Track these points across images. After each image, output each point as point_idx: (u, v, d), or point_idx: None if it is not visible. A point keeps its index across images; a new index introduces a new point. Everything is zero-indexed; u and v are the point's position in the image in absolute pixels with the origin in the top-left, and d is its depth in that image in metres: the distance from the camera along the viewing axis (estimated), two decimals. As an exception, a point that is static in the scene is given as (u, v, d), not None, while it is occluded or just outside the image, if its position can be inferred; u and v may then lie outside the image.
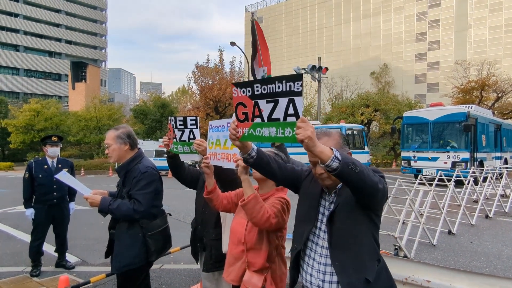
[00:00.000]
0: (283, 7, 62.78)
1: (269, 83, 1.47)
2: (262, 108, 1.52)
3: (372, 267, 1.49)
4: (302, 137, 1.28)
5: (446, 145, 12.89)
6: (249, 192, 1.78)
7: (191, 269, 4.50)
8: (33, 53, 65.18)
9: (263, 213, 1.77)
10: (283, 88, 1.42)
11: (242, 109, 1.60)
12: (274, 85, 1.45)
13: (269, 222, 1.79)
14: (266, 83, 1.48)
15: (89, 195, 2.45)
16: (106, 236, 2.68)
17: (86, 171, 24.41)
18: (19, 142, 31.09)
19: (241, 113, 1.61)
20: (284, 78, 1.42)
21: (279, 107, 1.45)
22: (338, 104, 28.26)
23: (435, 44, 48.90)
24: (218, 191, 2.16)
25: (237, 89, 1.61)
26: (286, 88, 1.41)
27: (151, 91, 44.39)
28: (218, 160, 2.13)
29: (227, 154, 2.05)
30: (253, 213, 1.76)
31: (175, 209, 8.31)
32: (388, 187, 1.77)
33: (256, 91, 1.53)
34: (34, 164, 4.49)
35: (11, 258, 5.09)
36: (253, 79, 1.58)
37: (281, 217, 1.87)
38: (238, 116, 1.61)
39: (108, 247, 2.64)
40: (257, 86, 1.52)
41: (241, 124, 1.60)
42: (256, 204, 1.76)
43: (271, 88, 1.47)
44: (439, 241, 5.57)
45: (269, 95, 1.48)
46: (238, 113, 1.61)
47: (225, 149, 2.05)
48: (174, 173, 2.73)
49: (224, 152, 2.08)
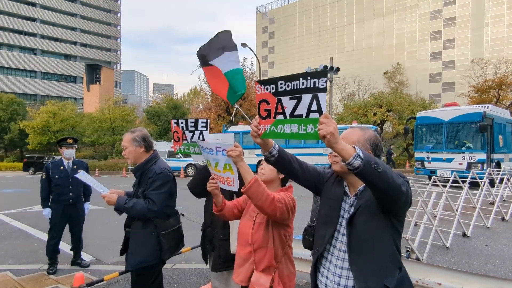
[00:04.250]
0: (295, 7, 62.55)
1: (294, 79, 1.48)
2: (285, 105, 1.52)
3: (392, 274, 1.45)
4: (324, 132, 1.26)
5: (461, 146, 12.63)
6: (249, 177, 1.76)
7: (202, 269, 4.56)
8: (49, 56, 66.91)
9: (267, 195, 1.75)
10: (307, 84, 1.43)
11: (264, 106, 1.60)
12: (298, 82, 1.46)
13: (274, 205, 1.77)
14: (291, 80, 1.49)
15: (106, 194, 2.54)
16: (120, 236, 2.76)
17: (100, 171, 24.87)
18: (36, 143, 31.87)
19: (263, 110, 1.61)
20: (308, 74, 1.43)
21: (303, 103, 1.45)
22: (350, 105, 27.98)
23: (450, 42, 47.86)
24: (227, 205, 2.15)
25: (260, 86, 1.61)
26: (310, 84, 1.42)
27: (163, 93, 44.90)
28: (222, 183, 2.04)
29: (220, 176, 2.00)
30: (257, 196, 1.74)
31: (187, 209, 8.37)
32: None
33: (280, 88, 1.53)
34: (51, 165, 4.63)
35: (29, 256, 5.26)
36: (277, 76, 1.59)
37: (285, 205, 1.85)
38: (261, 113, 1.61)
39: (123, 245, 2.72)
40: (281, 83, 1.53)
41: (263, 121, 1.60)
42: (259, 186, 1.74)
43: (295, 84, 1.47)
44: (453, 243, 5.47)
45: (293, 91, 1.48)
46: (261, 110, 1.61)
47: (217, 172, 2.00)
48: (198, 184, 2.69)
49: (216, 174, 2.03)
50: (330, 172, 1.76)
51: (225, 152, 1.85)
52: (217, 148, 1.91)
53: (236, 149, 1.80)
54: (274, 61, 64.02)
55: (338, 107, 33.57)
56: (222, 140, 1.90)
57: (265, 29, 65.68)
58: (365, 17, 54.78)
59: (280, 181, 2.15)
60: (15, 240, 6.25)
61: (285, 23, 62.94)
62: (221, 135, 1.91)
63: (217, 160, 1.96)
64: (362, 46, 54.96)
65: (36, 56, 65.17)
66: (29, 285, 4.05)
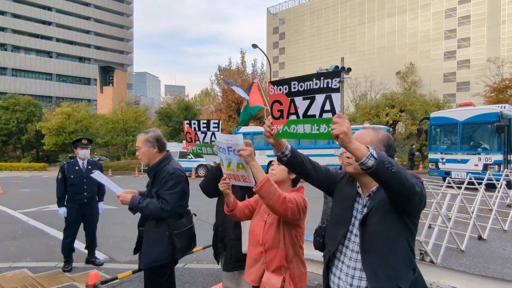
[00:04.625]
0: (306, 7, 62.30)
1: (307, 80, 1.48)
2: (298, 105, 1.53)
3: (406, 276, 1.43)
4: (338, 132, 1.26)
5: (477, 147, 12.35)
6: (261, 177, 1.77)
7: (213, 269, 4.58)
8: (64, 59, 68.48)
9: (278, 195, 1.76)
10: (320, 84, 1.44)
11: (277, 107, 1.61)
12: (311, 82, 1.46)
13: (286, 205, 1.78)
14: (304, 80, 1.50)
15: (120, 193, 2.59)
16: (133, 235, 2.80)
17: (113, 171, 25.28)
18: (52, 144, 32.66)
19: (276, 111, 1.61)
20: (322, 75, 1.44)
21: (316, 104, 1.45)
22: (362, 105, 27.69)
23: (465, 41, 46.84)
24: (239, 205, 2.16)
25: (273, 86, 1.62)
26: (323, 84, 1.42)
27: (175, 94, 45.37)
28: (237, 181, 2.08)
29: (234, 175, 2.03)
30: (269, 196, 1.74)
31: (198, 209, 8.42)
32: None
33: (293, 88, 1.54)
34: (67, 165, 4.74)
35: (45, 254, 5.39)
36: (290, 77, 1.59)
37: (297, 206, 1.85)
38: (274, 114, 1.62)
39: (136, 244, 2.76)
40: (294, 84, 1.54)
41: (276, 121, 1.61)
42: (270, 186, 1.75)
43: (308, 85, 1.48)
44: (468, 246, 5.35)
45: (306, 92, 1.49)
46: (274, 110, 1.62)
47: (231, 171, 2.03)
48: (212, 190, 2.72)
49: (229, 174, 2.05)
50: (342, 173, 1.76)
51: (236, 151, 1.87)
52: (228, 148, 1.94)
53: (247, 149, 1.82)
54: (284, 61, 63.89)
55: (349, 107, 33.28)
56: (233, 140, 1.92)
57: (275, 30, 65.63)
58: (377, 16, 54.14)
59: (291, 182, 2.15)
60: (32, 238, 6.42)
61: (296, 24, 62.75)
62: (231, 136, 1.94)
63: (229, 160, 1.99)
64: (374, 46, 54.32)
65: (51, 59, 66.78)
66: (46, 282, 4.15)
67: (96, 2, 72.15)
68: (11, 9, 62.03)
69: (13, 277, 4.33)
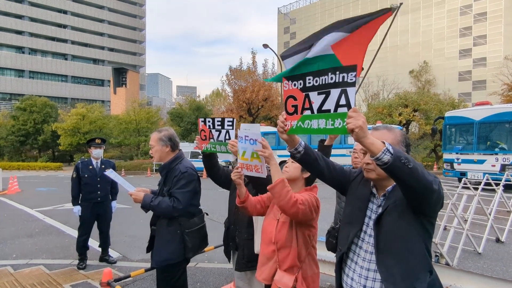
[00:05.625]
0: (317, 7, 61.90)
1: (322, 75, 1.47)
2: (312, 100, 1.51)
3: (423, 277, 1.39)
4: (353, 126, 1.24)
5: (494, 147, 12.03)
6: (277, 177, 1.79)
7: (225, 268, 4.59)
8: (79, 61, 69.96)
9: (290, 197, 1.76)
10: (336, 79, 1.41)
11: (292, 102, 1.59)
12: (326, 77, 1.44)
13: (296, 207, 1.78)
14: (319, 75, 1.48)
15: (133, 191, 2.61)
16: (145, 234, 2.83)
17: (126, 171, 25.66)
18: (67, 144, 33.40)
19: (290, 106, 1.60)
20: (337, 69, 1.41)
21: (331, 98, 1.43)
22: (374, 105, 27.34)
23: (481, 39, 45.69)
24: (250, 198, 2.17)
25: (288, 82, 1.60)
26: (339, 79, 1.40)
27: (186, 95, 45.73)
28: (249, 171, 2.10)
29: (248, 165, 2.04)
30: (280, 196, 1.76)
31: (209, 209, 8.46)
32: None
33: (308, 83, 1.52)
34: (81, 164, 4.83)
35: (61, 251, 5.50)
36: (305, 72, 1.56)
37: (309, 207, 1.85)
38: (288, 109, 1.61)
39: (149, 242, 2.78)
40: (309, 79, 1.52)
41: (290, 117, 1.60)
42: (283, 187, 1.76)
43: (323, 79, 1.46)
44: (486, 249, 5.21)
45: (321, 86, 1.47)
46: (288, 106, 1.61)
47: (245, 160, 2.04)
48: (208, 172, 2.82)
49: (243, 163, 2.07)
50: (356, 172, 1.73)
51: (253, 140, 1.91)
52: (245, 137, 1.96)
53: (267, 150, 1.87)
54: (295, 61, 63.67)
55: (361, 107, 32.88)
56: (250, 130, 1.95)
57: (286, 30, 65.44)
58: (389, 14, 53.35)
59: (305, 181, 2.13)
60: (47, 236, 6.56)
61: (307, 23, 62.39)
62: (249, 125, 1.96)
63: (245, 149, 2.00)
64: (386, 45, 53.42)
65: (67, 61, 68.31)
66: (61, 279, 4.24)
67: (109, 4, 73.47)
68: (28, 13, 63.78)
69: (30, 274, 4.44)
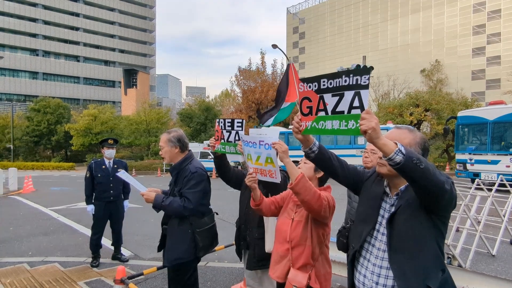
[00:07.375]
0: (326, 6, 61.54)
1: (336, 77, 1.50)
2: (327, 102, 1.55)
3: (435, 276, 1.41)
4: (366, 127, 1.27)
5: (508, 147, 11.77)
6: (296, 173, 1.80)
7: (235, 267, 4.62)
8: (91, 62, 71.23)
9: (314, 191, 1.79)
10: (349, 81, 1.45)
11: (306, 103, 1.64)
12: (341, 79, 1.48)
13: (321, 201, 1.80)
14: (333, 77, 1.52)
15: (145, 192, 2.66)
16: (157, 233, 2.87)
17: (137, 171, 25.97)
18: (79, 144, 34.01)
19: (305, 107, 1.65)
20: (351, 72, 1.45)
21: (344, 100, 1.47)
22: (385, 104, 27.04)
23: (495, 36, 44.71)
24: (265, 200, 2.19)
25: (303, 84, 1.65)
26: (353, 81, 1.44)
27: (196, 95, 46.04)
28: (263, 176, 2.12)
29: (262, 169, 2.06)
30: (305, 191, 1.77)
31: (219, 209, 8.52)
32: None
33: (323, 85, 1.56)
34: (94, 164, 4.93)
35: (75, 249, 5.62)
36: (320, 74, 1.62)
37: (328, 204, 1.87)
38: (303, 110, 1.66)
39: (160, 241, 2.83)
40: (323, 81, 1.56)
41: (305, 118, 1.64)
42: (306, 182, 1.78)
43: (337, 82, 1.50)
44: (500, 251, 5.11)
45: (335, 88, 1.51)
46: (303, 107, 1.66)
47: (259, 165, 2.05)
48: (219, 172, 2.85)
49: (257, 168, 2.08)
50: (370, 171, 1.75)
51: (268, 145, 1.93)
52: (260, 141, 1.98)
53: (283, 145, 1.91)
54: (304, 61, 63.37)
55: (371, 107, 32.55)
56: (267, 134, 1.97)
57: (295, 30, 65.25)
58: (400, 13, 52.67)
59: (318, 181, 2.15)
60: (62, 234, 6.71)
61: (316, 23, 62.10)
62: (266, 129, 1.99)
63: (259, 154, 2.03)
64: (397, 44, 52.89)
65: (79, 63, 69.63)
66: (75, 276, 4.34)
67: (120, 7, 74.56)
68: (42, 16, 65.20)
69: (46, 271, 4.55)
